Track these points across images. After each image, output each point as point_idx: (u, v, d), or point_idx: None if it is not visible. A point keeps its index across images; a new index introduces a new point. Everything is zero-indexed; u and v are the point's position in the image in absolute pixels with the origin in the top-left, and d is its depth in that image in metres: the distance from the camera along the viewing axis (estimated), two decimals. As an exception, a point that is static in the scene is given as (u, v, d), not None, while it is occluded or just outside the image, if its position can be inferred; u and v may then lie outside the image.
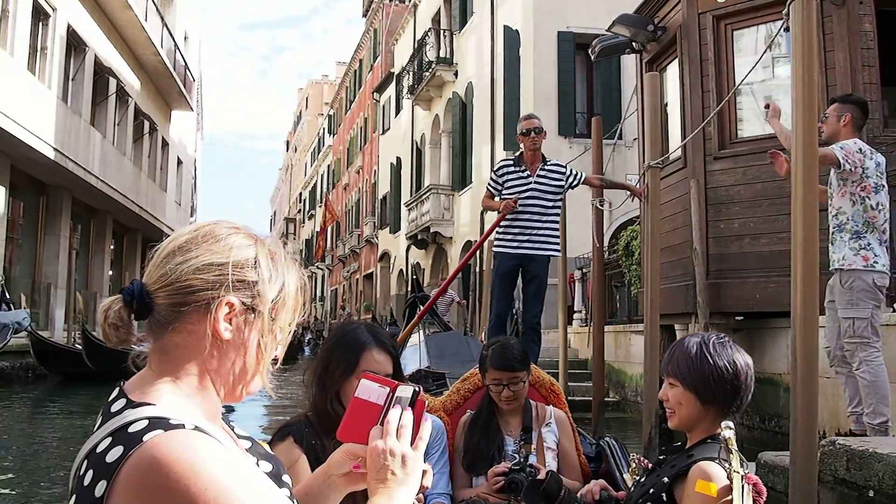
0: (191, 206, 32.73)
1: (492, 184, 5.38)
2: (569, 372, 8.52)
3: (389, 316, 21.84)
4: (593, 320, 8.10)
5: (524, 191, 5.19)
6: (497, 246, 5.35)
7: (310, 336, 28.61)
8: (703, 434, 1.81)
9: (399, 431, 1.05)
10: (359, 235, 33.44)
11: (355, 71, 36.46)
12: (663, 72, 7.57)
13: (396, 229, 26.15)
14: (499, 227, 5.30)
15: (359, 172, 34.54)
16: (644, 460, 1.98)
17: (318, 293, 46.20)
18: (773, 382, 6.26)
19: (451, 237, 20.12)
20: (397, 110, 26.98)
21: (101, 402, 1.00)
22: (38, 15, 14.20)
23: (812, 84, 3.28)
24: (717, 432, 1.78)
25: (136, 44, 19.01)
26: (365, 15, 34.29)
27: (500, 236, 5.31)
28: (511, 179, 5.26)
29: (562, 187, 5.29)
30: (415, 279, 13.22)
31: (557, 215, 5.39)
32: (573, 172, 5.38)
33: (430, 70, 20.87)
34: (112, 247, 21.52)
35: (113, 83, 18.07)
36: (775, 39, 4.93)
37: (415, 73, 22.42)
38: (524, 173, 5.23)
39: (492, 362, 2.53)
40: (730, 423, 1.76)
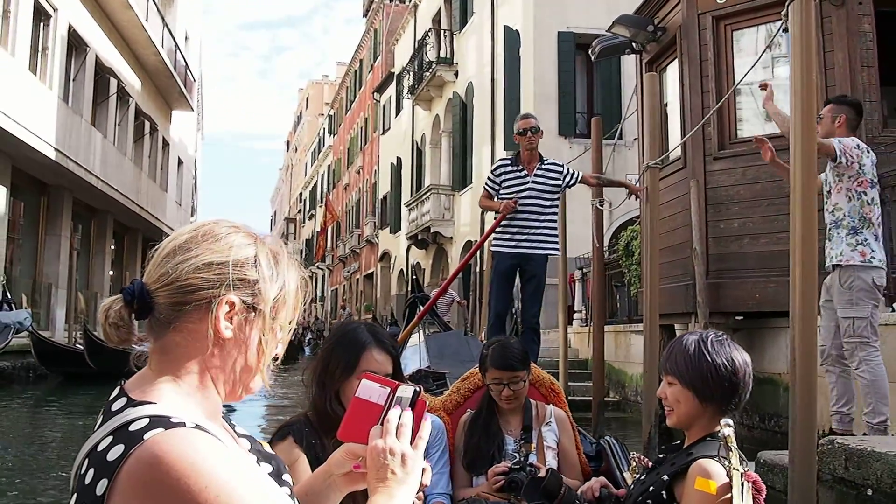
0: (191, 206, 32.74)
1: (489, 184, 5.36)
2: (569, 372, 8.53)
3: (390, 316, 21.84)
4: (593, 320, 8.11)
5: (522, 190, 5.18)
6: (495, 245, 5.34)
7: (310, 336, 28.62)
8: (701, 432, 1.82)
9: (399, 431, 1.06)
10: (359, 235, 33.44)
11: (356, 71, 36.46)
12: (663, 72, 7.58)
13: (397, 229, 26.16)
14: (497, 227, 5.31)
15: (359, 172, 34.54)
16: (644, 459, 1.98)
17: (319, 293, 46.20)
18: (773, 382, 6.27)
19: (451, 237, 20.13)
20: (398, 110, 26.98)
21: (101, 401, 1.00)
22: (39, 15, 14.21)
23: (811, 84, 3.29)
24: (716, 430, 1.78)
25: (136, 44, 19.02)
26: (365, 15, 34.29)
27: (497, 236, 5.30)
28: (508, 179, 5.25)
29: (559, 186, 5.28)
30: (415, 279, 13.24)
31: (555, 214, 5.38)
32: (570, 171, 5.37)
33: (430, 70, 20.88)
34: (113, 247, 21.53)
35: (114, 83, 18.09)
36: (775, 39, 4.94)
37: (415, 73, 22.42)
38: (521, 173, 5.22)
39: (492, 362, 2.54)
40: (729, 421, 1.77)
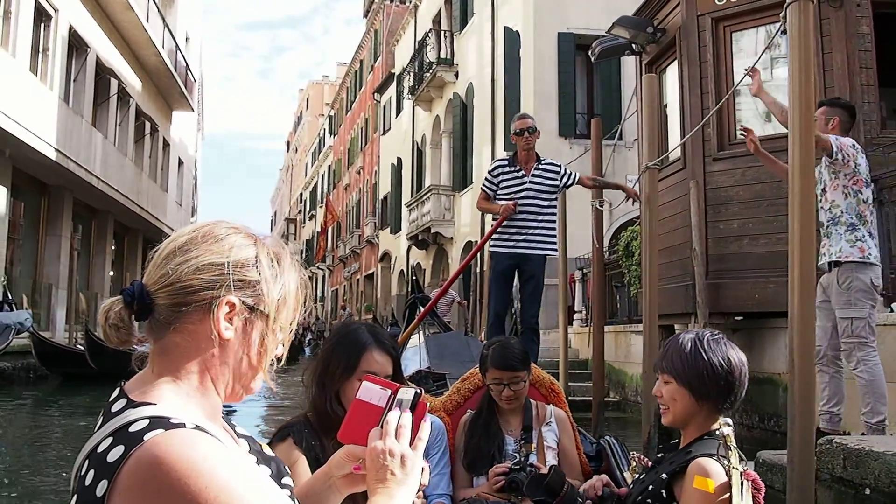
0: (191, 207, 32.76)
1: (487, 184, 5.35)
2: (569, 372, 8.53)
3: (390, 316, 21.85)
4: (593, 320, 8.13)
5: (519, 191, 5.18)
6: (493, 246, 5.33)
7: (310, 336, 28.60)
8: (697, 430, 1.82)
9: (398, 432, 1.06)
10: (359, 236, 33.45)
11: (356, 71, 36.47)
12: (663, 73, 7.60)
13: (397, 230, 26.17)
14: None
15: (359, 173, 34.54)
16: (644, 458, 1.99)
17: (319, 293, 46.21)
18: (773, 382, 6.28)
19: (451, 238, 20.14)
20: (398, 111, 26.99)
21: (102, 402, 1.00)
22: (40, 16, 14.23)
23: (809, 86, 3.31)
24: (714, 429, 1.79)
25: (137, 44, 19.04)
26: (365, 15, 34.30)
27: (496, 236, 5.29)
28: (506, 179, 5.24)
29: (557, 187, 5.27)
30: (414, 280, 13.24)
31: (554, 215, 5.36)
32: (567, 172, 5.36)
33: (430, 71, 20.89)
34: (113, 247, 21.54)
35: (114, 84, 18.10)
36: (774, 41, 4.95)
37: (415, 73, 22.44)
38: (519, 173, 5.22)
39: (492, 362, 2.53)
40: (728, 421, 1.77)
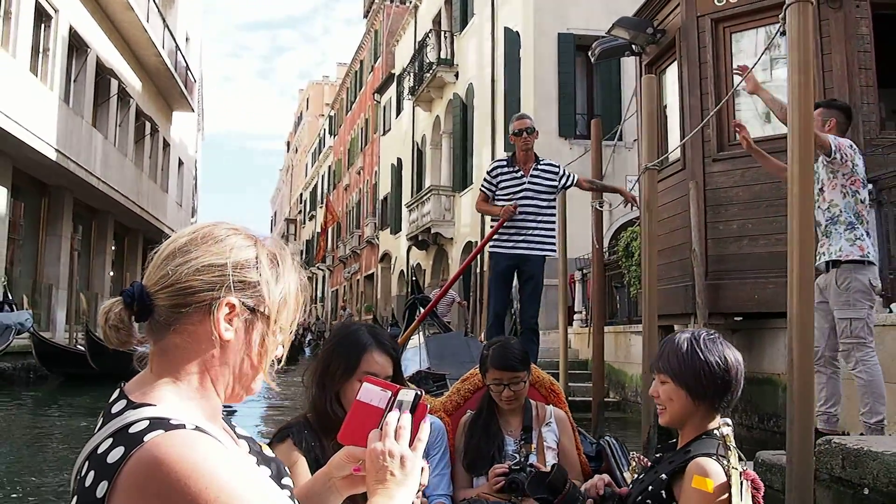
0: (192, 207, 32.77)
1: (485, 185, 5.34)
2: (569, 372, 8.54)
3: (391, 317, 21.86)
4: (593, 321, 8.14)
5: (518, 191, 5.17)
6: (492, 246, 5.32)
7: (310, 337, 28.62)
8: (694, 430, 1.82)
9: (398, 433, 1.06)
10: (359, 236, 33.46)
11: (356, 72, 36.48)
12: (663, 74, 7.61)
13: (397, 230, 26.17)
14: None
15: (359, 173, 34.56)
16: (644, 459, 1.99)
17: (319, 294, 46.23)
18: (772, 382, 6.29)
19: (451, 238, 20.15)
20: (398, 111, 27.00)
21: (102, 402, 1.00)
22: (41, 16, 14.23)
23: (808, 88, 3.31)
24: (711, 428, 1.79)
25: (137, 45, 19.05)
26: (366, 16, 34.31)
27: (495, 236, 5.30)
28: (505, 180, 5.23)
29: (555, 187, 5.26)
30: (414, 281, 13.23)
31: (553, 215, 5.34)
32: (566, 173, 5.34)
33: (430, 71, 20.90)
34: (113, 248, 21.54)
35: (114, 84, 18.11)
36: (774, 41, 4.95)
37: (415, 74, 22.45)
38: (518, 174, 5.21)
39: (492, 362, 2.53)
40: (728, 421, 1.77)
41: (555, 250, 5.73)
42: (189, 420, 0.92)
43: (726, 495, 1.64)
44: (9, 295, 11.60)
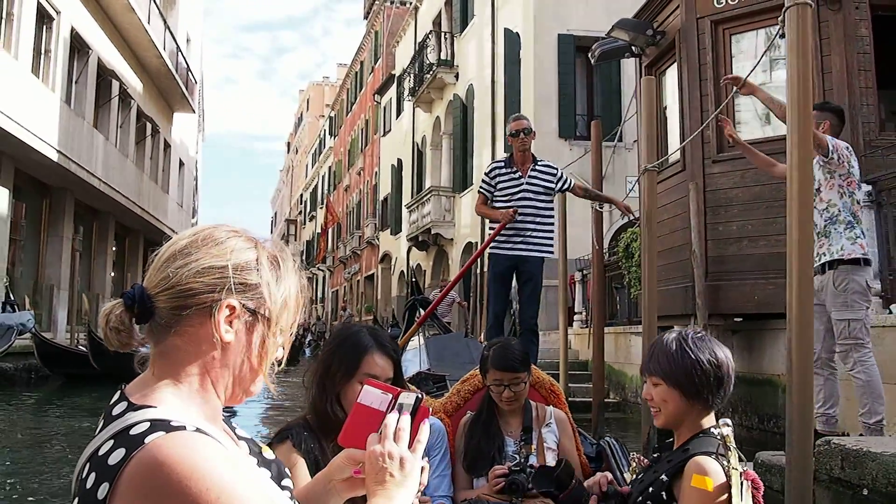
0: (192, 208, 32.78)
1: (484, 186, 5.34)
2: (569, 373, 8.55)
3: (391, 318, 21.86)
4: (593, 322, 8.14)
5: (516, 192, 5.16)
6: (491, 248, 5.31)
7: (311, 338, 28.61)
8: (690, 429, 1.82)
9: (397, 434, 1.07)
10: (360, 237, 33.47)
11: (356, 73, 36.50)
12: (662, 75, 7.62)
13: (397, 231, 26.18)
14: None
15: (360, 174, 34.58)
16: (644, 459, 1.99)
17: (319, 295, 46.23)
18: (772, 383, 6.30)
19: (452, 239, 20.16)
20: (398, 112, 27.01)
21: (103, 403, 1.01)
22: (42, 18, 14.26)
23: (808, 89, 3.32)
24: (707, 426, 1.79)
25: (138, 46, 19.07)
26: (366, 17, 34.33)
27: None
28: (503, 181, 5.22)
29: (553, 188, 5.25)
30: (413, 282, 13.23)
31: (551, 216, 5.32)
32: (564, 177, 5.32)
33: (430, 72, 20.91)
34: (114, 248, 21.56)
35: (116, 85, 18.13)
36: (774, 42, 4.97)
37: (416, 75, 22.47)
38: (516, 175, 5.20)
39: (493, 363, 2.53)
40: (727, 421, 1.76)
41: (553, 251, 5.72)
42: (190, 422, 0.92)
43: (726, 495, 1.63)
44: (10, 295, 11.63)
